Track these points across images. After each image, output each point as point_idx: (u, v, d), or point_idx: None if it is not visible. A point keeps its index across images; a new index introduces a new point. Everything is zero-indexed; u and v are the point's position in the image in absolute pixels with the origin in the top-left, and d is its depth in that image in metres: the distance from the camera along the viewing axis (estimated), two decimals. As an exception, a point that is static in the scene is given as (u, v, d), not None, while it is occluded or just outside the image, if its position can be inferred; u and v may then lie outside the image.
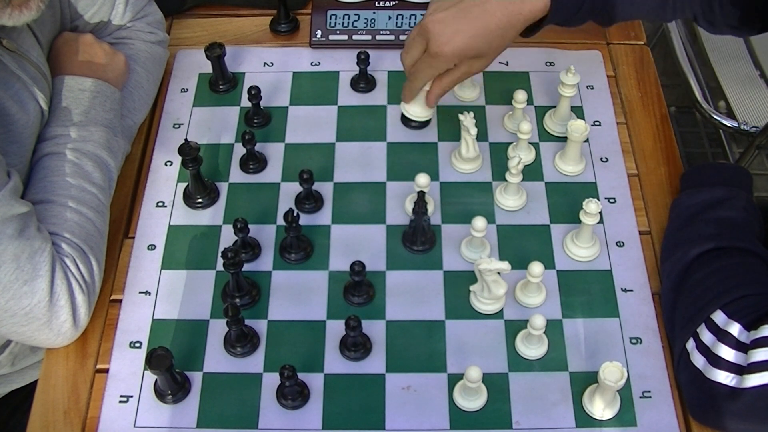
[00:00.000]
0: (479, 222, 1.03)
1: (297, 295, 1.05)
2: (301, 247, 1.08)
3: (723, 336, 0.89)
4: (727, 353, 0.88)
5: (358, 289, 1.04)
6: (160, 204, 1.15)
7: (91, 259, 1.00)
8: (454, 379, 0.97)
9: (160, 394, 0.97)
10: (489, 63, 1.06)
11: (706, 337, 0.91)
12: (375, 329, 1.02)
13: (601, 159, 1.19)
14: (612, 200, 1.15)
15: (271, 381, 0.97)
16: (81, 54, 1.12)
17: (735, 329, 0.89)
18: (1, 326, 0.95)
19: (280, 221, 1.11)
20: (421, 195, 1.04)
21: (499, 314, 1.04)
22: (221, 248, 1.09)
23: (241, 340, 1.00)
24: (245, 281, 1.04)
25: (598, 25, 1.09)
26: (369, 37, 1.33)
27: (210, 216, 1.13)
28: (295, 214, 1.02)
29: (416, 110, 1.14)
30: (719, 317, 0.91)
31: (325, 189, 1.16)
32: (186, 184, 1.15)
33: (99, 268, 1.02)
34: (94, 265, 1.00)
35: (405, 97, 1.12)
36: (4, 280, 0.91)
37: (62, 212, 1.00)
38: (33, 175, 1.03)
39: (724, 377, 0.88)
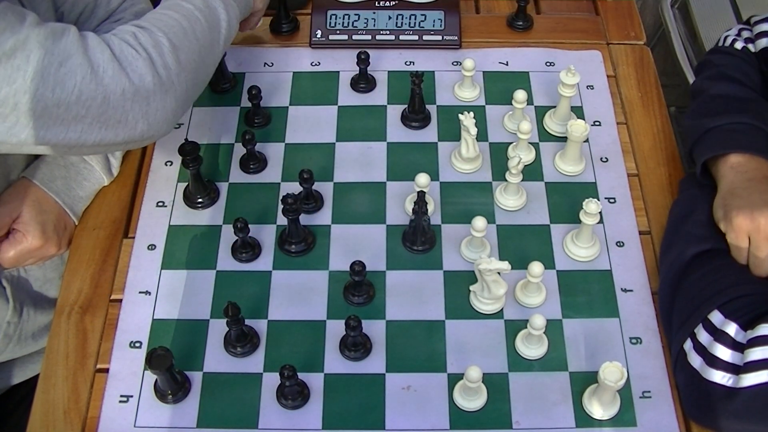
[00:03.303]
0: (479, 222, 1.03)
1: (297, 295, 1.05)
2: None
3: (719, 336, 0.90)
4: (723, 353, 0.89)
5: (358, 289, 1.04)
6: (161, 204, 1.15)
7: (160, 35, 0.97)
8: (454, 379, 0.98)
9: (160, 394, 0.97)
10: None
11: (703, 337, 0.91)
12: (375, 329, 1.02)
13: (601, 159, 1.19)
14: (612, 200, 1.15)
15: (271, 381, 0.98)
16: None
17: (732, 329, 0.89)
18: (74, 130, 0.91)
19: (281, 221, 1.11)
20: (421, 195, 1.04)
21: (499, 314, 1.04)
22: (221, 248, 1.09)
23: (241, 340, 1.00)
24: (302, 229, 1.08)
25: None
26: (369, 37, 1.33)
27: (210, 216, 1.14)
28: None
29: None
30: (716, 317, 0.91)
31: (325, 189, 1.16)
32: (186, 184, 1.15)
33: (174, 50, 0.97)
34: (165, 42, 0.97)
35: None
36: (39, 67, 0.87)
37: (144, 18, 1.00)
38: None
39: (720, 377, 0.88)
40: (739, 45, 1.12)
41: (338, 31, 1.33)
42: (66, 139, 0.91)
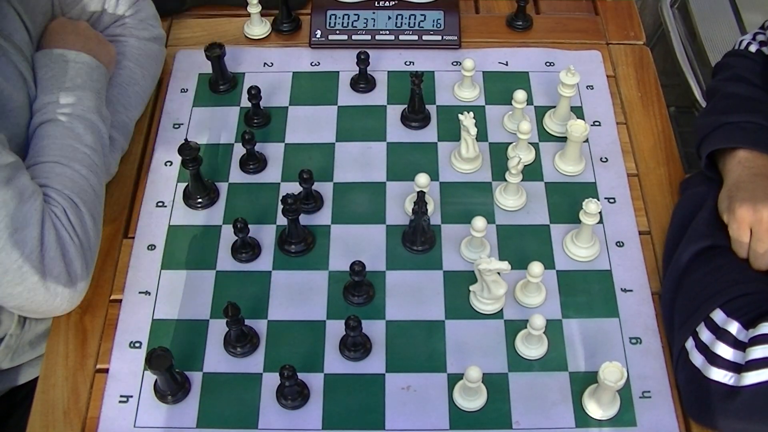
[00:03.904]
0: (479, 222, 1.03)
1: (297, 295, 1.05)
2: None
3: (721, 334, 0.90)
4: (725, 352, 0.89)
5: (358, 289, 1.04)
6: (160, 204, 1.15)
7: (83, 211, 0.98)
8: (454, 379, 0.98)
9: (160, 394, 0.97)
10: None
11: (705, 335, 0.91)
12: (375, 329, 1.02)
13: (600, 159, 1.19)
14: (612, 200, 1.15)
15: (271, 381, 0.97)
16: (73, 34, 1.11)
17: (734, 328, 0.89)
18: (1, 290, 0.93)
19: (280, 221, 1.11)
20: (420, 195, 1.04)
21: (498, 314, 1.04)
22: (221, 248, 1.09)
23: (241, 340, 1.00)
24: (302, 229, 1.08)
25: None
26: (368, 37, 1.33)
27: (210, 216, 1.13)
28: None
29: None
30: (718, 316, 0.91)
31: (325, 189, 1.16)
32: (186, 184, 1.15)
33: (94, 223, 1.00)
34: (87, 218, 0.98)
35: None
36: None
37: (52, 168, 0.99)
38: (27, 147, 1.03)
39: (722, 376, 0.88)
40: (753, 48, 1.13)
41: (338, 31, 1.33)
42: None
